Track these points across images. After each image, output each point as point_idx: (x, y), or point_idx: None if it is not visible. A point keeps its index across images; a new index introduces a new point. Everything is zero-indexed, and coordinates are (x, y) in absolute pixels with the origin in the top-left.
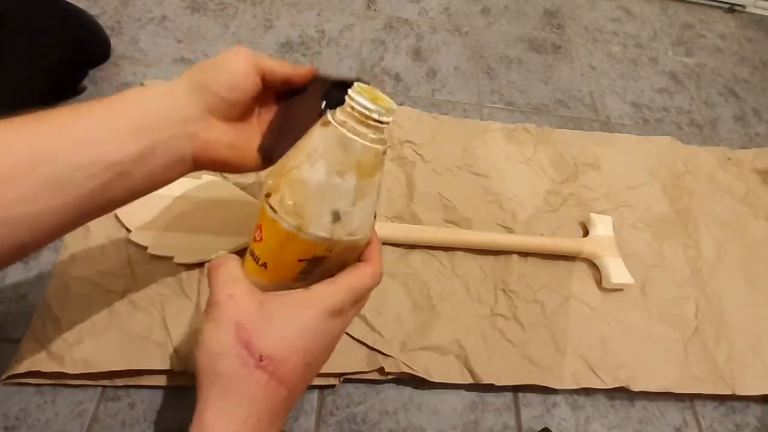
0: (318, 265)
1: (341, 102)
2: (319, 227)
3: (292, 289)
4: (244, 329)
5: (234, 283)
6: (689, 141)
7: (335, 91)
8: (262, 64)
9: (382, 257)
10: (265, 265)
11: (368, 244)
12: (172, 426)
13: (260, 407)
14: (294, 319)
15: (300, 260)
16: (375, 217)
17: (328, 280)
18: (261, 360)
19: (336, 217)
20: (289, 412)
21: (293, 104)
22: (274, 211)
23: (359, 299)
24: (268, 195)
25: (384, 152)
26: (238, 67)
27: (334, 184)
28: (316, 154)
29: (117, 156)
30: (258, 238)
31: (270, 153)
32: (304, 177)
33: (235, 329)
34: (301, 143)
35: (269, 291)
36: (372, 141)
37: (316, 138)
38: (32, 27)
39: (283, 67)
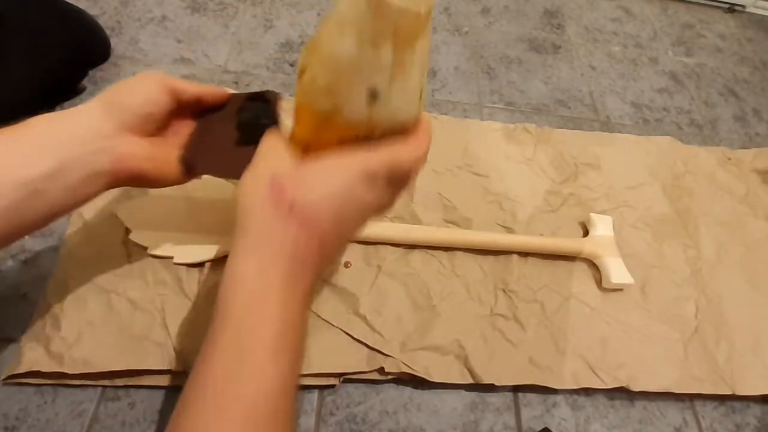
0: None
1: (256, 114)
2: (355, 108)
3: None
4: (278, 181)
5: (276, 150)
6: (689, 141)
7: (250, 104)
8: (173, 83)
9: (429, 139)
10: (306, 148)
11: (416, 125)
12: None
13: (290, 257)
14: (327, 177)
15: (340, 143)
16: (422, 95)
17: (367, 148)
18: (292, 209)
19: (373, 95)
20: (320, 272)
21: (211, 118)
22: (307, 92)
23: (395, 174)
24: (301, 73)
25: (427, 15)
26: (148, 84)
27: (368, 58)
28: (345, 23)
29: (27, 175)
30: (297, 120)
31: (191, 164)
32: (334, 51)
33: (270, 181)
34: (330, 12)
35: None
36: (410, 0)
37: (345, 3)
38: (32, 27)
39: (193, 87)
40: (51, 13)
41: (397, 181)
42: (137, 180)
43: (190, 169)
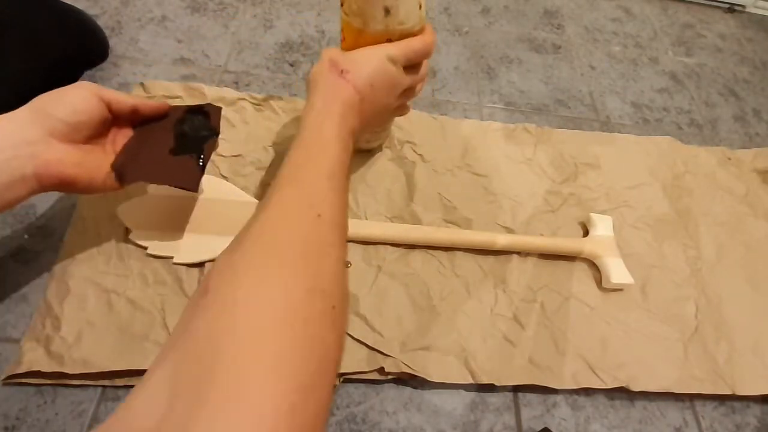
0: None
1: (195, 125)
2: (376, 22)
3: None
4: (333, 58)
5: (332, 49)
6: (689, 141)
7: (190, 116)
8: (107, 94)
9: (432, 39)
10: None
11: (423, 31)
12: None
13: (342, 102)
14: (365, 56)
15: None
16: (422, 7)
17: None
18: (342, 73)
19: (387, 11)
20: (361, 121)
21: (150, 128)
22: (347, 15)
23: (409, 59)
24: (342, 3)
25: None
26: (78, 94)
27: None
28: None
29: None
30: (343, 38)
31: (122, 170)
32: None
33: (328, 59)
34: None
35: None
36: None
37: None
38: (31, 27)
39: (128, 99)
40: (49, 12)
41: (411, 64)
42: (66, 186)
43: (121, 175)
